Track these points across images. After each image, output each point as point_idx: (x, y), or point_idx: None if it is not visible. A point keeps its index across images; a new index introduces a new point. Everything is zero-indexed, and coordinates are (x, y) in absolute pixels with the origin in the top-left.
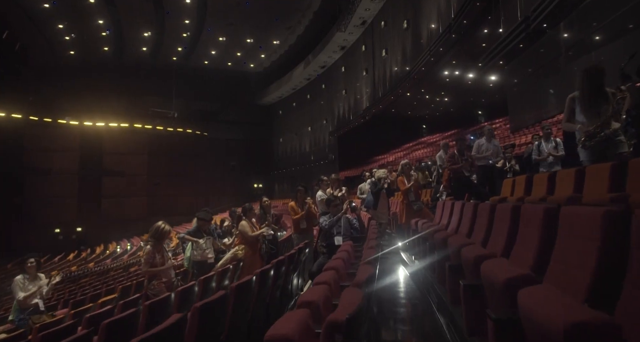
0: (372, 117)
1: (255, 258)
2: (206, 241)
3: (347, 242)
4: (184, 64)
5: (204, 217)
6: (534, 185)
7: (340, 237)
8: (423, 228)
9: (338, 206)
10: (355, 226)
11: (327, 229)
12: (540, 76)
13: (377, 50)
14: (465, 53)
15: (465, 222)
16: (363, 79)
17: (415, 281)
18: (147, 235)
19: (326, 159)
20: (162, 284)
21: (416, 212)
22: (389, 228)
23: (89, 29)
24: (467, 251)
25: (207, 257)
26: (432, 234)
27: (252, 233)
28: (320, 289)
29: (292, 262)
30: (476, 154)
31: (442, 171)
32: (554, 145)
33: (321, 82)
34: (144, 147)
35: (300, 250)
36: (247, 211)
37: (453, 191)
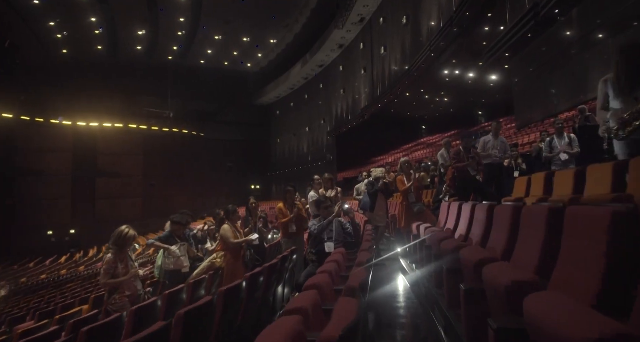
0: (370, 116)
1: (237, 266)
2: (180, 247)
3: (338, 249)
4: (179, 63)
5: (178, 220)
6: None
7: (332, 242)
8: (425, 234)
9: (329, 207)
10: (348, 231)
11: (316, 234)
12: (548, 70)
13: (376, 47)
14: (465, 51)
15: (478, 227)
16: (361, 77)
17: (416, 294)
18: (141, 237)
19: (324, 160)
20: (125, 297)
21: (417, 214)
22: (388, 232)
23: (81, 27)
24: (494, 273)
25: (181, 266)
26: (437, 241)
27: (235, 240)
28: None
29: (274, 272)
30: (482, 152)
31: (445, 170)
32: (568, 141)
33: (319, 82)
34: (139, 147)
35: (284, 258)
36: (230, 213)
37: (457, 191)
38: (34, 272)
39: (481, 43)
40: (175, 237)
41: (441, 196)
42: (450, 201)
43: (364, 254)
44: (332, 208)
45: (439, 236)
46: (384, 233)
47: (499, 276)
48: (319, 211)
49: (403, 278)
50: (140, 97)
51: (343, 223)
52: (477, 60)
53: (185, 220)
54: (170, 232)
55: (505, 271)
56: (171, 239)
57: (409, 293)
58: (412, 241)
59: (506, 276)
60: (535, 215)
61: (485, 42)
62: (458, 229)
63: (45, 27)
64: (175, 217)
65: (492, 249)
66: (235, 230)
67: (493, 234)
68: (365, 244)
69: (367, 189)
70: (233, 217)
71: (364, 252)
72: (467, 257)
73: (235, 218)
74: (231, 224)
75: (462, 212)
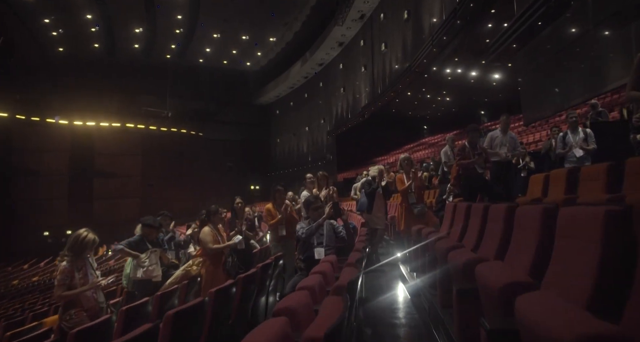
0: (371, 116)
1: (218, 274)
2: (150, 254)
3: (329, 255)
4: (178, 62)
5: (150, 223)
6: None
7: (322, 248)
8: (428, 240)
9: (319, 209)
10: (341, 235)
11: (304, 239)
12: (558, 61)
13: (377, 44)
14: (468, 49)
15: (493, 234)
16: (362, 75)
17: (417, 308)
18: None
19: (324, 160)
20: (83, 312)
21: (417, 217)
22: (387, 235)
23: (76, 25)
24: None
25: (152, 275)
26: (444, 252)
27: (215, 245)
28: None
29: (252, 282)
30: (489, 149)
31: (448, 169)
32: (583, 136)
33: (319, 80)
34: (137, 147)
35: (266, 267)
36: (212, 215)
37: (462, 191)
38: (27, 275)
39: (484, 41)
40: (146, 242)
41: (445, 196)
42: (455, 202)
43: (354, 256)
44: (323, 209)
45: (446, 245)
46: (383, 237)
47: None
48: (308, 213)
49: (403, 288)
50: (138, 97)
51: (335, 226)
52: (480, 58)
53: (158, 223)
54: (141, 236)
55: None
56: (142, 244)
57: (409, 307)
58: (413, 246)
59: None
60: None
61: (489, 40)
62: (467, 236)
63: (41, 25)
64: (147, 219)
65: (515, 266)
66: (217, 233)
67: (514, 246)
68: (358, 247)
69: (364, 188)
70: (215, 218)
71: (355, 253)
72: (491, 284)
73: (217, 220)
74: (213, 227)
75: (471, 214)
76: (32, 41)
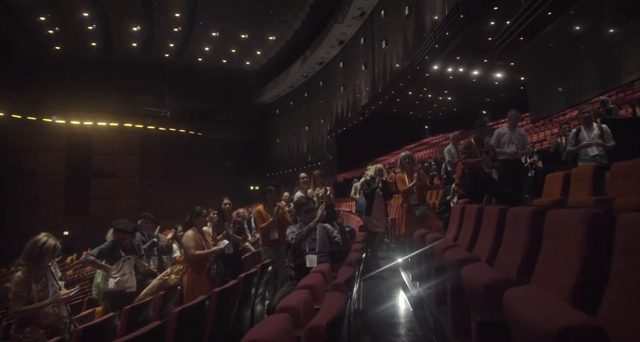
0: (372, 115)
1: (201, 282)
2: (123, 263)
3: (323, 263)
4: (176, 61)
5: (122, 227)
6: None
7: (315, 255)
8: (436, 252)
9: (312, 211)
10: (336, 240)
11: (294, 245)
12: (569, 54)
13: (377, 42)
14: (470, 47)
15: (514, 244)
16: (362, 74)
17: (421, 323)
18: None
19: (324, 160)
20: (40, 330)
21: (419, 219)
22: (388, 238)
23: (73, 23)
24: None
25: (125, 286)
26: (456, 267)
27: (198, 251)
28: None
29: (234, 294)
30: (496, 146)
31: (452, 168)
32: (599, 133)
33: (319, 79)
34: (135, 147)
35: (250, 277)
36: (196, 217)
37: (468, 192)
38: None
39: (486, 39)
40: (120, 248)
41: (449, 197)
42: (462, 204)
43: (345, 271)
44: (316, 212)
45: (456, 256)
46: (383, 240)
47: None
48: (300, 215)
49: (405, 298)
50: (136, 96)
51: (330, 230)
52: (482, 57)
53: (131, 227)
54: (113, 242)
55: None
56: (114, 251)
57: (411, 322)
58: (415, 251)
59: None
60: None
61: (491, 38)
62: (479, 244)
63: (36, 23)
64: (120, 223)
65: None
66: (202, 238)
67: (546, 261)
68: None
69: (363, 188)
70: (199, 221)
71: (347, 268)
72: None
73: (201, 222)
74: (197, 231)
75: (485, 219)
76: (28, 39)
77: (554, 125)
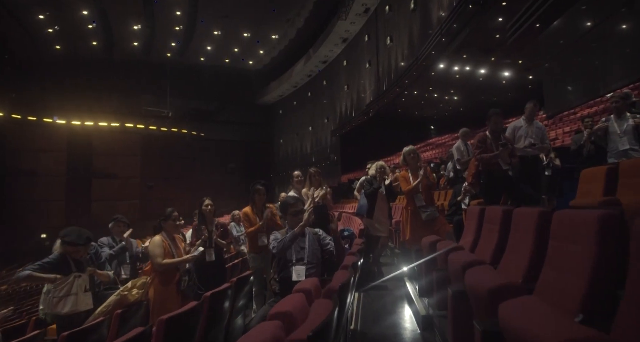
0: (376, 114)
1: (169, 296)
2: (74, 280)
3: (312, 276)
4: (178, 60)
5: (73, 240)
6: None
7: (302, 266)
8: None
9: (299, 214)
10: (328, 248)
11: (277, 254)
12: (591, 43)
13: (382, 38)
14: (477, 45)
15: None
16: (366, 72)
17: None
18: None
19: (328, 161)
20: None
21: (426, 223)
22: (391, 242)
23: (73, 21)
24: None
25: (76, 309)
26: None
27: (166, 260)
28: None
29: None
30: None
31: (462, 166)
32: (632, 124)
33: (322, 79)
34: (137, 148)
35: (222, 294)
36: (165, 220)
37: (483, 192)
38: None
39: (494, 36)
40: (71, 262)
41: (459, 198)
42: (478, 205)
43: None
44: (302, 214)
45: (481, 275)
46: (386, 246)
47: None
48: (286, 218)
49: (410, 314)
50: (138, 96)
51: (321, 237)
52: (489, 55)
53: (84, 239)
54: (61, 255)
55: None
56: (63, 265)
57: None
58: (421, 258)
59: None
60: None
61: (499, 35)
62: (508, 257)
63: (35, 21)
64: (69, 234)
65: None
66: (171, 244)
67: None
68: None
69: (364, 188)
70: (168, 225)
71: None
72: None
73: (172, 227)
74: (166, 236)
75: (515, 226)
76: (27, 38)
77: (572, 122)
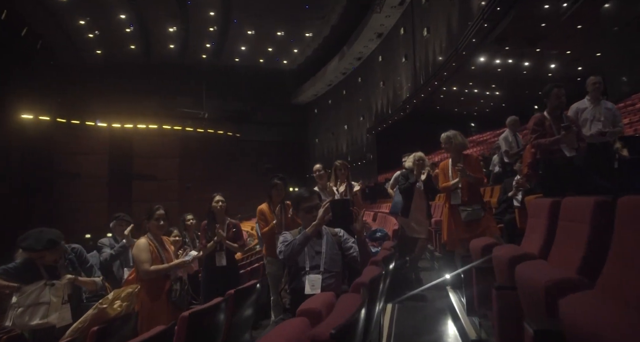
0: (413, 111)
1: (158, 308)
2: (45, 289)
3: (328, 289)
4: (214, 62)
5: (27, 245)
6: None
7: (318, 275)
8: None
9: (313, 210)
10: (351, 254)
11: (287, 260)
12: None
13: (418, 30)
14: (521, 35)
15: None
16: (403, 67)
17: None
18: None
19: (364, 160)
20: None
21: (467, 224)
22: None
23: (112, 25)
24: None
25: (45, 322)
26: None
27: (154, 266)
28: None
29: None
30: None
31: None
32: None
33: (357, 76)
34: (175, 149)
35: (209, 312)
36: (148, 219)
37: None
38: None
39: (540, 25)
40: (41, 268)
41: (510, 194)
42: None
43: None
44: (316, 212)
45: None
46: (425, 249)
47: None
48: (298, 215)
49: (456, 334)
50: (175, 98)
51: (342, 239)
52: (534, 46)
53: (43, 243)
54: (28, 260)
55: None
56: (31, 272)
57: None
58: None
59: None
60: None
61: (545, 24)
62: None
63: (77, 27)
64: (26, 238)
65: None
66: (158, 248)
67: None
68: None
69: (399, 183)
70: (154, 225)
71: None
72: None
73: (158, 227)
74: (152, 238)
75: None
76: (70, 45)
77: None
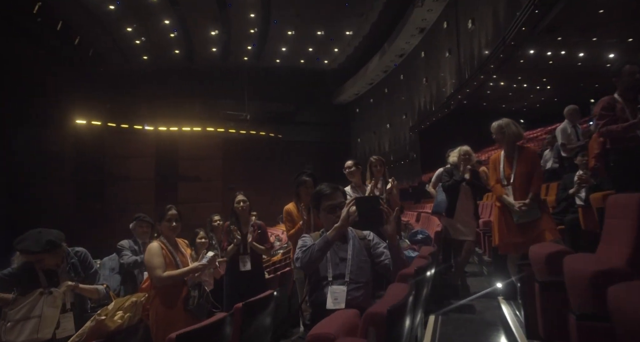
0: (458, 107)
1: (174, 317)
2: (39, 297)
3: (353, 304)
4: (255, 64)
5: (24, 246)
6: None
7: (343, 287)
8: None
9: (337, 209)
10: (383, 261)
11: (304, 268)
12: None
13: (462, 23)
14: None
15: None
16: (446, 62)
17: None
18: None
19: (407, 159)
20: None
21: (520, 226)
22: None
23: (156, 31)
24: None
25: (36, 337)
26: None
27: (167, 272)
28: None
29: None
30: None
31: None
32: None
33: (399, 73)
34: (218, 151)
35: (216, 328)
36: (160, 221)
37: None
38: None
39: (597, 12)
40: (40, 273)
41: (572, 191)
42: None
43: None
44: (338, 211)
45: None
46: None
47: None
48: (320, 215)
49: None
50: (218, 101)
51: (372, 243)
52: (589, 36)
53: (42, 245)
54: (26, 264)
55: None
56: (28, 279)
57: None
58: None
59: None
60: None
61: (603, 11)
62: None
63: (124, 34)
64: (24, 239)
65: None
66: (172, 251)
67: None
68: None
69: (442, 180)
70: (165, 226)
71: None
72: None
73: (170, 229)
74: (165, 241)
75: None
76: (118, 51)
77: None
